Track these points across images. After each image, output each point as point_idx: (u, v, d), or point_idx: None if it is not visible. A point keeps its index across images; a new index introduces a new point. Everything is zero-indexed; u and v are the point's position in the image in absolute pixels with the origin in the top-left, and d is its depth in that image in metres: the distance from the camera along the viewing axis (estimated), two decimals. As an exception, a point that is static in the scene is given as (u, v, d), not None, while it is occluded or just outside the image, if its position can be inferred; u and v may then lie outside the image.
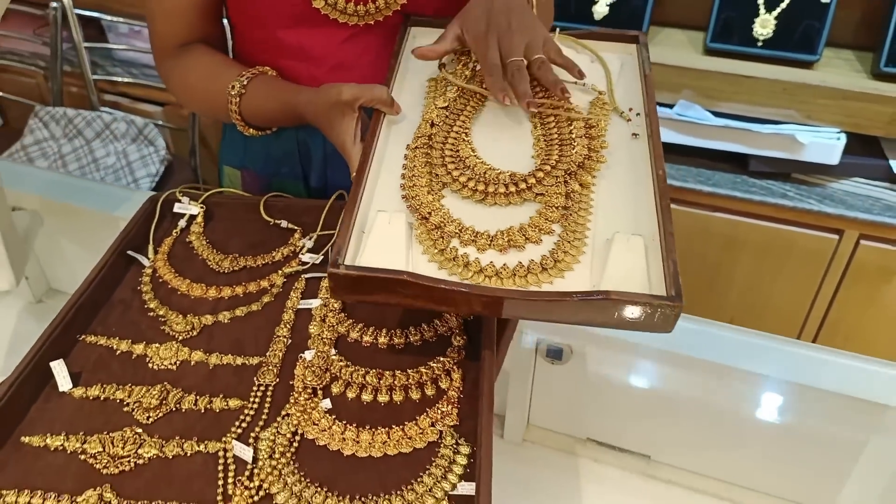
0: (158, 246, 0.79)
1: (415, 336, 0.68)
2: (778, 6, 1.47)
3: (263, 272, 0.77)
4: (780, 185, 1.51)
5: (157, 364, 0.66)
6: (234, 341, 0.69)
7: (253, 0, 0.79)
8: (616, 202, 0.63)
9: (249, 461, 0.58)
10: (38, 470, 0.57)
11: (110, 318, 0.71)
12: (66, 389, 0.64)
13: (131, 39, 1.94)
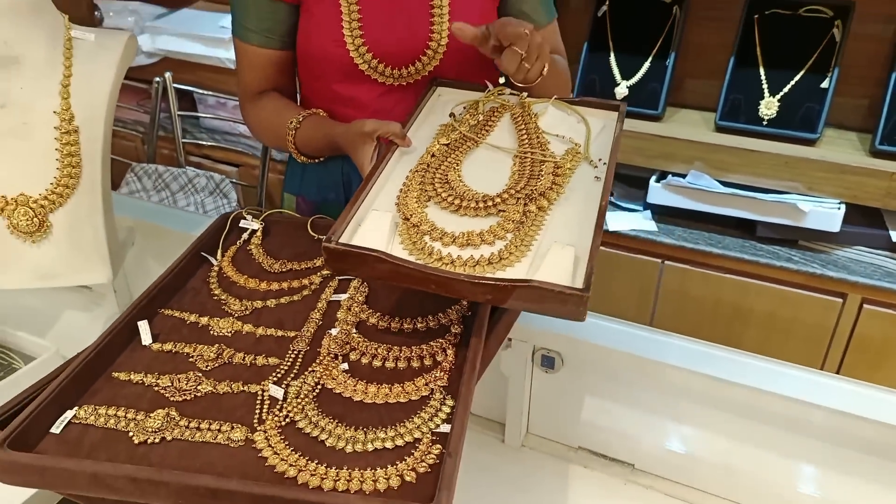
0: (225, 251, 0.99)
1: (421, 324, 0.84)
2: (781, 90, 1.63)
3: (305, 273, 0.95)
4: (787, 250, 1.62)
5: (217, 332, 0.84)
6: (276, 320, 0.87)
7: (315, 60, 1.02)
8: (564, 222, 0.80)
9: (280, 399, 0.74)
10: (123, 395, 0.75)
11: (184, 300, 0.90)
12: (147, 343, 0.82)
13: (217, 110, 2.25)
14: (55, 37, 0.95)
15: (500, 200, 0.83)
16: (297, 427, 0.71)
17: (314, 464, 0.67)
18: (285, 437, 0.70)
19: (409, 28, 1.00)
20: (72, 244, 0.98)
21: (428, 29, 1.01)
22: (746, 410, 0.92)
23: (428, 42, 1.01)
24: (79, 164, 0.96)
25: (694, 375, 0.93)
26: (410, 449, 0.69)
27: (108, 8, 2.27)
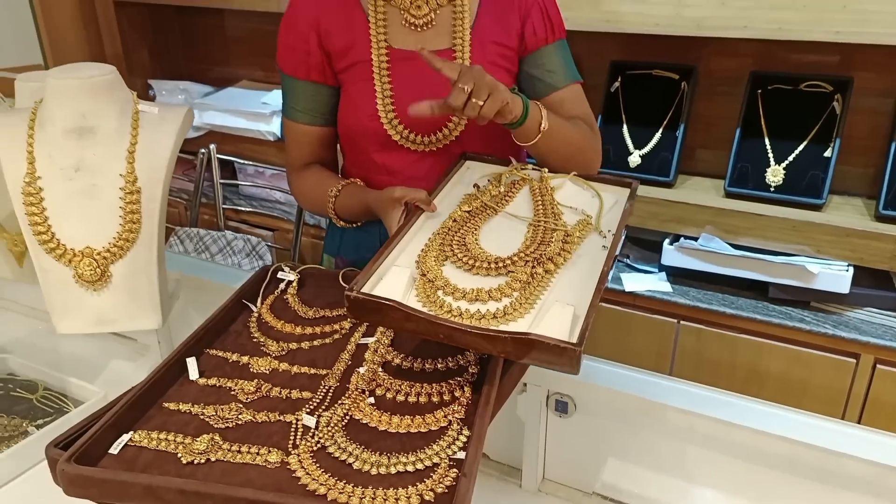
0: (264, 300, 1.09)
1: (441, 364, 0.92)
2: (786, 159, 1.72)
3: (336, 320, 1.04)
4: (799, 311, 1.67)
5: (256, 369, 0.93)
6: (310, 359, 0.95)
7: (354, 133, 1.15)
8: (568, 284, 0.88)
9: (312, 427, 0.82)
10: (173, 422, 0.84)
11: (227, 341, 1.00)
12: (194, 378, 0.91)
13: (255, 178, 2.41)
14: (125, 110, 1.09)
15: (510, 262, 0.91)
16: (328, 452, 0.78)
17: (342, 483, 0.74)
18: (317, 460, 0.77)
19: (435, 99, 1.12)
20: (128, 293, 1.09)
21: None
22: (760, 455, 0.95)
23: (451, 115, 1.13)
24: (139, 221, 1.07)
25: (706, 420, 0.97)
26: (429, 472, 0.75)
27: (161, 87, 2.47)
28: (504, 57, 1.14)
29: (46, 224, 1.05)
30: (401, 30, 1.12)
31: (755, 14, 1.55)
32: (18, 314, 1.33)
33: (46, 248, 1.05)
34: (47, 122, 1.06)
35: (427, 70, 1.12)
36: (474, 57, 1.12)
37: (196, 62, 2.74)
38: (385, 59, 1.12)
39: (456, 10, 1.12)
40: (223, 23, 2.64)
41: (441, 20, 1.13)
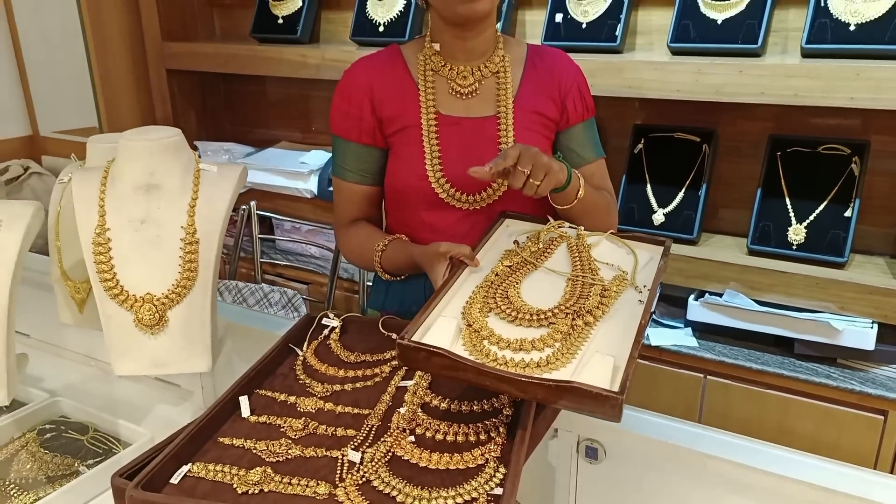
0: (309, 345, 1.16)
1: (477, 406, 0.97)
2: (807, 218, 1.78)
3: (376, 364, 1.10)
4: (825, 367, 1.69)
5: (303, 408, 0.99)
6: (353, 400, 1.01)
7: (402, 192, 1.24)
8: (607, 336, 0.93)
9: (357, 462, 0.87)
10: (228, 456, 0.89)
11: (275, 382, 1.06)
12: (246, 416, 0.97)
13: (292, 233, 2.51)
14: (188, 168, 1.19)
15: (551, 314, 0.96)
16: (372, 486, 0.83)
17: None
18: (362, 493, 0.82)
19: (481, 161, 1.20)
20: (183, 337, 1.16)
21: None
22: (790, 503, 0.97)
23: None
24: (196, 269, 1.16)
25: (736, 467, 0.99)
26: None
27: (206, 148, 2.62)
28: (543, 125, 1.24)
29: (112, 272, 1.13)
30: (448, 97, 1.22)
31: (771, 81, 1.63)
32: (72, 360, 1.40)
33: (111, 294, 1.13)
34: (118, 179, 1.16)
35: (471, 134, 1.22)
36: (517, 123, 1.22)
37: (239, 125, 2.90)
38: (434, 124, 1.21)
39: (500, 82, 1.23)
40: (265, 89, 2.80)
41: (485, 89, 1.23)
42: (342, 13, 2.52)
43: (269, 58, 2.42)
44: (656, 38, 1.99)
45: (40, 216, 1.19)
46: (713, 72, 1.70)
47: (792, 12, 1.80)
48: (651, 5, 1.99)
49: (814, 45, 1.68)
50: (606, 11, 1.97)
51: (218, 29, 2.84)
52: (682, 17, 1.86)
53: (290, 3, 2.51)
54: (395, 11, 2.32)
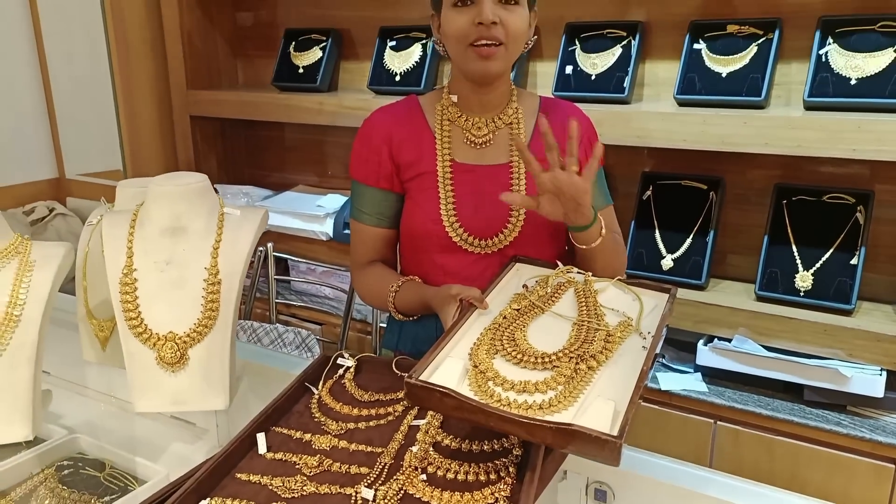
0: (324, 383, 1.19)
1: (487, 445, 1.00)
2: (814, 265, 1.80)
3: (390, 403, 1.13)
4: (835, 415, 1.69)
5: (317, 446, 1.02)
6: (366, 438, 1.04)
7: (417, 236, 1.29)
8: (610, 381, 0.96)
9: (370, 500, 0.89)
10: (245, 491, 0.92)
11: (290, 420, 1.09)
12: (262, 452, 1.00)
13: (307, 275, 2.56)
14: (213, 212, 1.25)
15: (555, 358, 0.99)
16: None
17: None
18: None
19: (494, 208, 1.26)
20: (202, 375, 1.20)
21: (508, 209, 1.26)
22: None
23: (508, 218, 1.26)
24: (217, 309, 1.20)
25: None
26: None
27: (226, 191, 2.70)
28: None
29: (137, 311, 1.18)
30: (463, 146, 1.28)
31: (775, 133, 1.68)
32: (91, 398, 1.43)
33: (135, 332, 1.18)
34: (146, 222, 1.22)
35: (484, 181, 1.27)
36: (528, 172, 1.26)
37: (258, 168, 2.99)
38: (449, 171, 1.27)
39: (512, 132, 1.29)
40: (284, 134, 2.89)
41: (499, 139, 1.29)
42: (360, 63, 2.62)
43: (288, 105, 2.51)
44: (663, 90, 2.05)
45: (71, 257, 1.24)
46: (718, 123, 1.76)
47: (794, 66, 1.87)
48: (658, 58, 2.06)
49: (816, 98, 1.73)
50: (615, 64, 2.05)
51: (241, 78, 2.95)
52: (687, 71, 1.93)
53: (310, 54, 2.61)
54: (411, 62, 2.41)
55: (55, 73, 2.92)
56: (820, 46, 1.77)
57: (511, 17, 1.17)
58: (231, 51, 2.90)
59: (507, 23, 1.16)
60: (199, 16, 2.74)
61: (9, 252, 1.16)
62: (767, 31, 1.86)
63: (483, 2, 1.15)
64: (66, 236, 2.78)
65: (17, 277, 1.14)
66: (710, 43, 1.92)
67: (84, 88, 2.95)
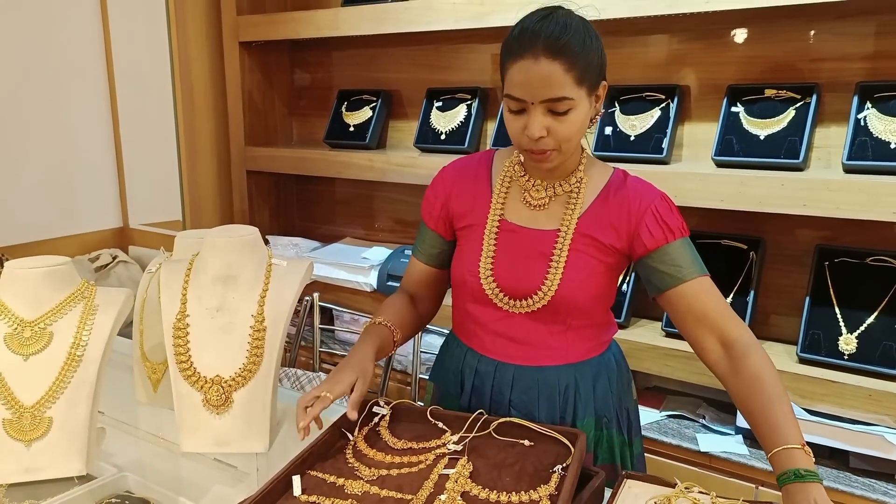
0: (360, 430, 1.23)
1: (515, 497, 1.02)
2: (858, 328, 1.77)
3: (421, 452, 1.17)
4: (882, 484, 1.64)
5: (350, 490, 1.06)
6: (397, 485, 1.07)
7: (456, 283, 1.35)
8: None
9: None
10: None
11: (325, 464, 1.14)
12: (298, 495, 1.04)
13: (350, 325, 2.63)
14: (261, 262, 1.33)
15: None
16: None
17: None
18: None
19: (529, 271, 1.27)
20: (245, 418, 1.26)
21: (543, 275, 1.26)
22: None
23: (541, 285, 1.26)
24: (261, 355, 1.27)
25: None
26: None
27: (276, 242, 2.82)
28: (598, 250, 1.25)
29: (188, 354, 1.26)
30: (518, 205, 1.31)
31: (813, 194, 1.69)
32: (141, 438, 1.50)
33: (185, 375, 1.25)
34: (200, 271, 1.30)
35: (526, 243, 1.29)
36: (573, 244, 1.25)
37: (308, 221, 3.11)
38: (496, 227, 1.31)
39: (570, 200, 1.27)
40: (333, 189, 3.02)
41: (555, 205, 1.28)
42: (408, 122, 2.74)
43: (339, 161, 2.63)
44: (702, 151, 2.08)
45: (130, 302, 1.33)
46: (756, 184, 1.77)
47: (833, 130, 1.88)
48: (696, 121, 2.10)
49: (855, 161, 1.74)
50: (653, 126, 2.10)
51: (295, 135, 3.11)
52: (725, 133, 1.96)
53: (361, 113, 2.75)
54: (456, 122, 2.51)
55: (125, 128, 3.14)
56: (858, 111, 1.78)
57: (561, 126, 1.15)
58: (287, 110, 3.07)
59: (556, 132, 1.15)
60: (260, 77, 2.92)
61: (76, 297, 1.25)
62: (805, 95, 1.88)
63: (531, 115, 1.15)
64: (127, 283, 2.93)
65: (81, 320, 1.23)
66: (748, 106, 1.95)
67: (151, 143, 3.16)
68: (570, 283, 1.24)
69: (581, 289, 1.25)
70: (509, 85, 1.17)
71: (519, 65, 1.14)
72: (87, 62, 3.02)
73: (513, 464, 1.13)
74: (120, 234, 3.21)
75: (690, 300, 1.21)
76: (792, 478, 0.98)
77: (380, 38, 2.57)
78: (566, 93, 1.13)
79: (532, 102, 1.14)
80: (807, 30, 1.91)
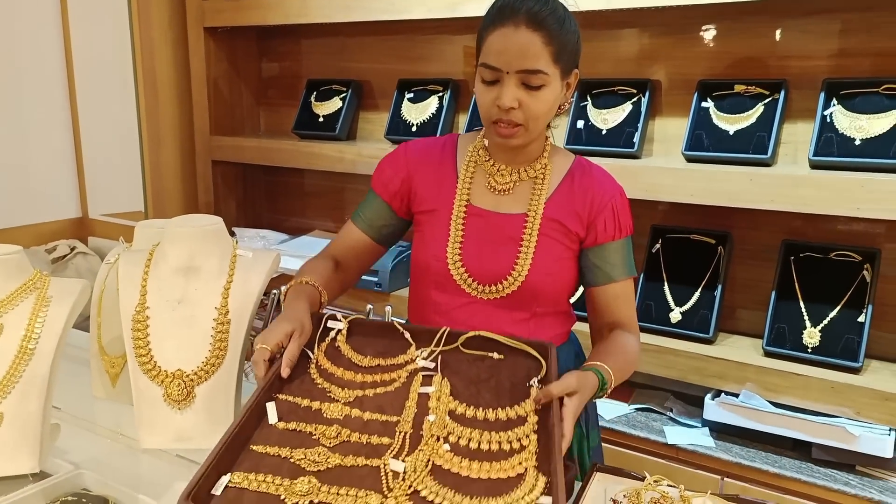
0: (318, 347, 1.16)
1: (502, 412, 1.01)
2: (821, 322, 1.80)
3: (391, 369, 1.12)
4: (844, 474, 1.67)
5: (329, 415, 1.01)
6: (377, 406, 1.03)
7: (420, 268, 1.32)
8: None
9: (401, 472, 0.88)
10: (265, 464, 0.90)
11: (292, 386, 1.07)
12: (274, 422, 0.98)
13: (318, 319, 2.59)
14: (225, 254, 1.29)
15: None
16: (422, 496, 0.85)
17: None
18: (413, 502, 0.84)
19: (498, 255, 1.27)
20: (207, 413, 1.22)
21: (513, 260, 1.26)
22: None
23: (511, 270, 1.26)
24: (225, 349, 1.23)
25: None
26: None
27: (243, 234, 2.76)
28: (564, 235, 1.27)
29: (148, 348, 1.21)
30: (483, 190, 1.30)
31: (781, 190, 1.71)
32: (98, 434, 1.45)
33: (144, 369, 1.21)
34: (161, 261, 1.26)
35: (495, 228, 1.28)
36: (542, 227, 1.26)
37: (276, 213, 3.06)
38: (463, 212, 1.29)
39: (535, 186, 1.28)
40: (302, 180, 2.97)
41: (520, 190, 1.29)
42: (379, 114, 2.70)
43: (308, 152, 2.59)
44: (672, 146, 2.09)
45: (87, 293, 1.28)
46: (725, 179, 1.79)
47: (800, 126, 1.90)
48: (667, 115, 2.11)
49: (821, 157, 1.76)
50: (625, 120, 2.10)
51: (263, 125, 3.05)
52: (695, 128, 1.97)
53: (331, 104, 2.70)
54: (427, 114, 2.49)
55: (85, 115, 3.04)
56: (825, 107, 1.80)
57: (532, 101, 1.16)
58: (254, 99, 3.01)
59: (527, 106, 1.16)
60: (226, 65, 2.85)
61: (27, 287, 1.20)
62: (773, 91, 1.90)
63: (505, 86, 1.15)
64: (86, 275, 2.84)
65: (33, 312, 1.18)
66: (718, 102, 1.97)
67: (112, 131, 3.06)
68: (540, 268, 1.25)
69: (550, 274, 1.26)
70: (486, 53, 1.17)
71: (499, 32, 1.15)
72: (44, 46, 2.91)
73: (487, 379, 1.10)
74: (79, 225, 3.11)
75: (610, 301, 1.28)
76: (586, 368, 1.13)
77: (350, 26, 2.53)
78: (542, 66, 1.14)
79: (507, 72, 1.15)
80: (775, 26, 1.93)
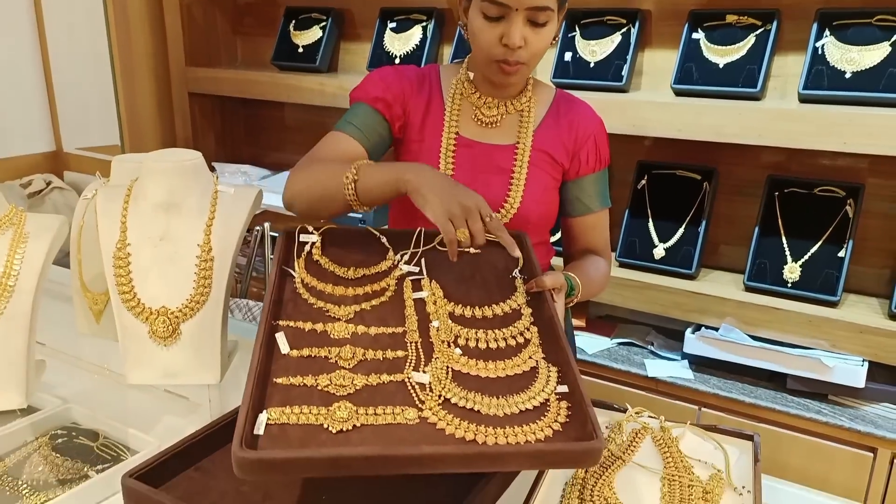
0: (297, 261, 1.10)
1: (497, 308, 1.01)
2: (802, 257, 1.82)
3: (377, 278, 1.08)
4: (817, 403, 1.73)
5: (336, 335, 0.96)
6: (379, 318, 0.99)
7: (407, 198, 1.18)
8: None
9: (427, 383, 0.87)
10: (295, 396, 0.83)
11: (287, 310, 1.00)
12: (286, 352, 0.91)
13: (302, 255, 2.58)
14: (206, 190, 1.26)
15: None
16: (453, 403, 0.84)
17: (483, 427, 0.80)
18: (448, 411, 0.83)
19: (490, 186, 1.25)
20: (194, 349, 1.22)
21: (506, 190, 1.26)
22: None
23: (502, 204, 1.26)
24: (209, 286, 1.22)
25: None
26: (544, 409, 0.84)
27: (223, 169, 2.71)
28: (552, 167, 1.29)
29: (130, 285, 1.20)
30: (470, 122, 1.29)
31: (769, 125, 1.69)
32: (85, 369, 1.45)
33: (128, 306, 1.20)
34: (140, 198, 1.23)
35: (484, 158, 1.26)
36: (532, 158, 1.27)
37: (256, 148, 3.00)
38: (453, 143, 1.28)
39: (522, 118, 1.28)
40: (283, 114, 2.90)
41: (506, 122, 1.28)
42: (361, 44, 2.62)
43: (288, 85, 2.51)
44: (661, 79, 2.06)
45: (65, 229, 1.25)
46: (713, 113, 1.77)
47: (791, 59, 1.87)
48: (657, 47, 2.07)
49: (811, 90, 1.74)
50: (614, 52, 2.05)
51: (240, 56, 2.95)
52: (685, 60, 1.93)
53: (310, 34, 2.61)
54: (411, 45, 2.41)
55: (54, 45, 2.91)
56: (817, 39, 1.77)
57: (537, 38, 1.15)
58: (231, 28, 2.90)
59: (531, 44, 1.14)
60: (200, -9, 2.73)
61: (3, 223, 1.17)
62: (766, 22, 1.86)
63: (513, 23, 1.12)
64: (63, 210, 2.79)
65: (11, 248, 1.15)
66: (709, 33, 1.92)
67: (83, 62, 2.95)
68: (531, 198, 1.26)
69: (540, 204, 1.27)
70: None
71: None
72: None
73: (471, 276, 1.09)
74: (54, 159, 3.04)
75: (588, 230, 1.32)
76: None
77: (329, -50, 2.42)
78: (550, 2, 1.13)
79: (516, 9, 1.12)
80: (770, -46, 1.88)
